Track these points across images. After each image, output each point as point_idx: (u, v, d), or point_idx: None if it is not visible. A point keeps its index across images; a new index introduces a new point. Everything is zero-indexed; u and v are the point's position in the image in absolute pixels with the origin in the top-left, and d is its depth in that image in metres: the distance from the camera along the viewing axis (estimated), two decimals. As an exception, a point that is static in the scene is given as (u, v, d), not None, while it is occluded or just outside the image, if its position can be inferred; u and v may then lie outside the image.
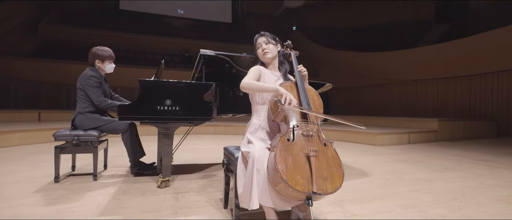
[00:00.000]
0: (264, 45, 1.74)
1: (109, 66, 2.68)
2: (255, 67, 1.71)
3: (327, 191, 1.29)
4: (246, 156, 1.53)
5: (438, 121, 6.20)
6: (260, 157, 1.40)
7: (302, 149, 1.37)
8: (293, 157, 1.33)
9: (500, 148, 5.00)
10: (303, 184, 1.27)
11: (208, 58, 2.41)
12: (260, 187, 1.38)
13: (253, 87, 1.56)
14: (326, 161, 1.38)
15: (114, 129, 2.58)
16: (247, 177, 1.43)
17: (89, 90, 2.51)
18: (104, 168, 2.94)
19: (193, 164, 3.33)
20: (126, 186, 2.34)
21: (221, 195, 2.13)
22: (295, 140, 1.40)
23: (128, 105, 2.18)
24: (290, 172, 1.28)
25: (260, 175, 1.38)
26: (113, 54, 2.71)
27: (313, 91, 1.70)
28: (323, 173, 1.33)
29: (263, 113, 1.70)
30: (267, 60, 1.77)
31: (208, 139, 5.82)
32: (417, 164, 3.53)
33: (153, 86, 2.20)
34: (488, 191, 2.36)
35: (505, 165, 3.47)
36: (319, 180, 1.30)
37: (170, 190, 2.25)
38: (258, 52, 1.78)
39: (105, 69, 2.67)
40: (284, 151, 1.34)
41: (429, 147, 5.10)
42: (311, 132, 1.44)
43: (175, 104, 2.21)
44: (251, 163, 1.41)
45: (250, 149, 1.48)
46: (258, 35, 1.80)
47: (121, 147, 4.12)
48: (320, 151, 1.40)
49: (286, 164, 1.30)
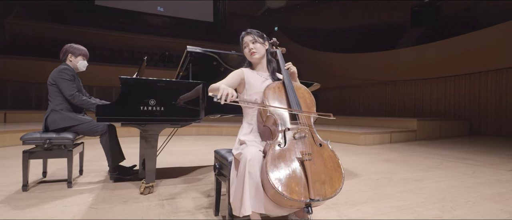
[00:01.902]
0: (251, 44, 1.62)
1: (81, 62, 2.52)
2: (236, 71, 1.61)
3: (326, 196, 1.21)
4: (238, 158, 1.42)
5: (417, 121, 6.39)
6: (252, 159, 1.28)
7: (295, 154, 1.28)
8: (286, 164, 1.24)
9: (475, 147, 5.21)
10: (300, 192, 1.18)
11: (196, 56, 2.27)
12: (253, 192, 1.27)
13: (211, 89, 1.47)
14: (322, 162, 1.30)
15: (92, 131, 2.38)
16: (238, 181, 1.32)
17: (61, 84, 2.33)
18: (79, 174, 2.71)
19: (176, 167, 3.16)
20: (105, 193, 2.15)
21: (210, 201, 2.00)
22: (287, 144, 1.31)
23: (108, 105, 2.00)
24: (284, 180, 1.19)
25: (252, 178, 1.26)
26: (87, 52, 2.58)
27: (304, 88, 1.61)
28: (320, 177, 1.25)
29: (253, 116, 1.60)
30: (255, 60, 1.65)
31: (191, 141, 5.63)
32: (401, 163, 3.58)
33: (136, 84, 2.03)
34: (474, 190, 2.40)
35: (484, 163, 3.59)
36: (317, 185, 1.22)
37: (154, 196, 2.09)
38: (245, 51, 1.66)
39: (78, 66, 2.50)
40: (276, 158, 1.24)
41: (410, 146, 5.22)
42: (303, 133, 1.36)
43: (160, 104, 2.05)
44: (242, 166, 1.30)
45: (242, 151, 1.37)
46: (244, 33, 1.66)
47: (98, 150, 3.87)
48: (315, 152, 1.32)
49: (279, 172, 1.21)
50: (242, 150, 1.36)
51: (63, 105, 2.35)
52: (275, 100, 1.46)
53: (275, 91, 1.50)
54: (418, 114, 9.00)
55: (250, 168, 1.26)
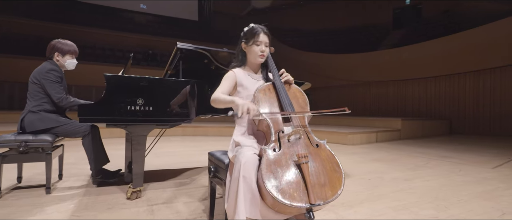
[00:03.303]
0: (264, 46, 1.50)
1: (70, 61, 2.34)
2: (228, 74, 1.51)
3: (327, 199, 1.16)
4: (233, 160, 1.34)
5: (401, 121, 6.52)
6: (246, 163, 1.20)
7: (291, 158, 1.22)
8: (282, 169, 1.18)
9: (456, 145, 5.38)
10: (300, 197, 1.12)
11: (186, 53, 2.17)
12: (248, 196, 1.18)
13: (219, 102, 1.42)
14: (321, 164, 1.25)
15: (73, 132, 2.22)
16: (232, 185, 1.24)
17: (48, 86, 2.16)
18: (59, 178, 2.53)
19: (164, 169, 3.03)
20: (88, 199, 2.01)
21: (203, 206, 1.90)
22: (282, 148, 1.25)
23: (92, 104, 1.87)
24: (282, 187, 1.12)
25: (247, 183, 1.18)
26: (76, 49, 2.40)
27: (295, 87, 1.55)
28: (319, 179, 1.19)
29: (246, 120, 1.51)
30: (258, 63, 1.55)
31: (177, 142, 5.47)
32: (390, 163, 3.61)
33: (122, 82, 1.91)
34: (464, 188, 2.43)
35: (467, 162, 3.69)
36: (316, 188, 1.16)
37: (143, 202, 1.97)
38: (252, 48, 1.49)
39: (65, 65, 2.33)
40: (271, 164, 1.18)
41: (395, 145, 5.31)
42: (298, 135, 1.30)
43: (149, 103, 1.94)
44: (237, 170, 1.22)
45: (236, 153, 1.29)
46: (260, 29, 1.49)
47: (78, 152, 3.66)
48: (313, 154, 1.26)
49: (276, 178, 1.14)
50: (237, 153, 1.28)
51: (43, 106, 2.18)
52: (266, 103, 1.39)
53: (266, 93, 1.42)
54: (401, 114, 9.22)
55: (245, 172, 1.18)
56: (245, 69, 1.58)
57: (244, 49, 1.54)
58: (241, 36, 1.55)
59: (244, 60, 1.58)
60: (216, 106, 1.44)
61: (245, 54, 1.56)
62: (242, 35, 1.55)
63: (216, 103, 1.43)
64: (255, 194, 1.17)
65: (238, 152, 1.27)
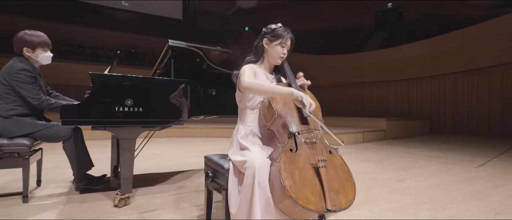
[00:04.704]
0: (286, 50, 1.46)
1: (43, 55, 2.08)
2: (248, 66, 1.43)
3: (341, 207, 1.11)
4: (240, 166, 1.26)
5: (386, 121, 6.65)
6: (261, 168, 1.15)
7: (308, 160, 1.17)
8: (300, 171, 1.12)
9: (438, 144, 5.53)
10: (316, 202, 1.07)
11: (178, 51, 2.06)
12: (263, 204, 1.13)
13: (264, 89, 1.28)
14: (335, 171, 1.20)
15: (53, 136, 2.05)
16: (245, 193, 1.16)
17: (21, 88, 1.93)
18: (37, 185, 2.34)
19: (152, 173, 2.89)
20: (71, 208, 1.86)
21: (198, 212, 1.81)
22: (299, 149, 1.19)
23: (76, 105, 1.72)
24: (299, 188, 1.07)
25: (262, 190, 1.13)
26: (47, 40, 2.12)
27: (308, 92, 1.53)
28: (334, 186, 1.15)
29: (252, 119, 1.44)
30: (276, 63, 1.50)
31: (163, 143, 5.29)
32: (380, 163, 3.64)
33: (110, 82, 1.78)
34: (455, 188, 2.47)
35: (453, 161, 3.78)
36: (332, 195, 1.11)
37: (132, 209, 1.85)
38: (276, 48, 1.43)
39: (39, 60, 2.08)
40: (289, 164, 1.12)
41: (382, 145, 5.39)
42: (315, 139, 1.26)
43: (139, 104, 1.82)
44: (250, 176, 1.15)
45: (246, 158, 1.22)
46: (288, 32, 1.44)
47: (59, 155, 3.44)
48: (328, 160, 1.22)
49: (293, 179, 1.08)
50: (247, 158, 1.20)
51: (16, 110, 1.96)
52: (284, 103, 1.34)
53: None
54: (384, 114, 9.43)
55: (260, 178, 1.12)
56: (261, 67, 1.51)
57: (266, 45, 1.46)
58: (266, 32, 1.46)
59: (263, 57, 1.51)
60: (252, 92, 1.33)
61: (264, 51, 1.48)
62: (267, 31, 1.46)
63: (256, 89, 1.28)
64: (270, 201, 1.11)
65: (250, 157, 1.20)
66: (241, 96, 1.45)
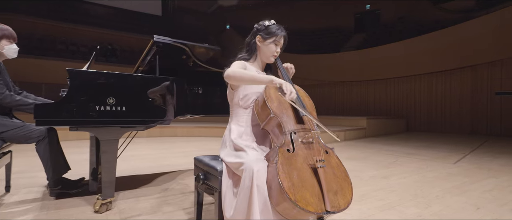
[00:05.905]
0: (279, 48, 1.42)
1: (8, 47, 1.92)
2: (241, 62, 1.37)
3: (340, 208, 1.09)
4: (235, 168, 1.21)
5: (366, 119, 6.83)
6: (259, 171, 1.10)
7: (306, 160, 1.15)
8: (298, 171, 1.09)
9: (415, 142, 5.75)
10: (315, 203, 1.04)
11: (163, 47, 1.96)
12: (261, 207, 1.09)
13: (245, 77, 1.23)
14: (332, 171, 1.18)
15: (25, 137, 1.89)
16: (243, 196, 1.11)
17: None
18: (6, 191, 2.15)
19: (134, 175, 2.76)
20: (46, 215, 1.72)
21: (186, 216, 1.73)
22: (296, 150, 1.16)
23: (51, 104, 1.59)
24: (298, 190, 1.04)
25: (261, 192, 1.09)
26: (12, 32, 1.96)
27: (302, 91, 1.50)
28: (332, 186, 1.13)
29: (245, 118, 1.39)
30: (268, 61, 1.46)
31: (143, 143, 5.10)
32: (363, 160, 3.71)
33: (90, 79, 1.65)
34: (436, 185, 2.55)
35: (431, 157, 3.93)
36: (330, 196, 1.09)
37: (114, 214, 1.74)
38: (269, 46, 1.39)
39: (4, 52, 1.92)
40: (287, 164, 1.09)
41: (362, 143, 5.52)
42: (311, 139, 1.23)
43: (122, 103, 1.71)
44: (248, 179, 1.10)
45: (243, 159, 1.17)
46: (281, 30, 1.40)
47: (29, 157, 3.21)
48: (325, 160, 1.20)
49: (291, 180, 1.05)
50: (243, 160, 1.15)
51: None
52: (278, 101, 1.30)
53: (276, 92, 1.32)
54: (363, 113, 9.69)
55: (258, 181, 1.08)
56: (254, 64, 1.46)
57: (259, 43, 1.41)
58: (259, 29, 1.41)
59: (255, 55, 1.46)
60: (235, 82, 1.27)
61: (256, 48, 1.44)
62: (260, 28, 1.41)
63: (239, 77, 1.24)
64: (267, 203, 1.08)
65: (246, 159, 1.15)
66: (233, 95, 1.40)
